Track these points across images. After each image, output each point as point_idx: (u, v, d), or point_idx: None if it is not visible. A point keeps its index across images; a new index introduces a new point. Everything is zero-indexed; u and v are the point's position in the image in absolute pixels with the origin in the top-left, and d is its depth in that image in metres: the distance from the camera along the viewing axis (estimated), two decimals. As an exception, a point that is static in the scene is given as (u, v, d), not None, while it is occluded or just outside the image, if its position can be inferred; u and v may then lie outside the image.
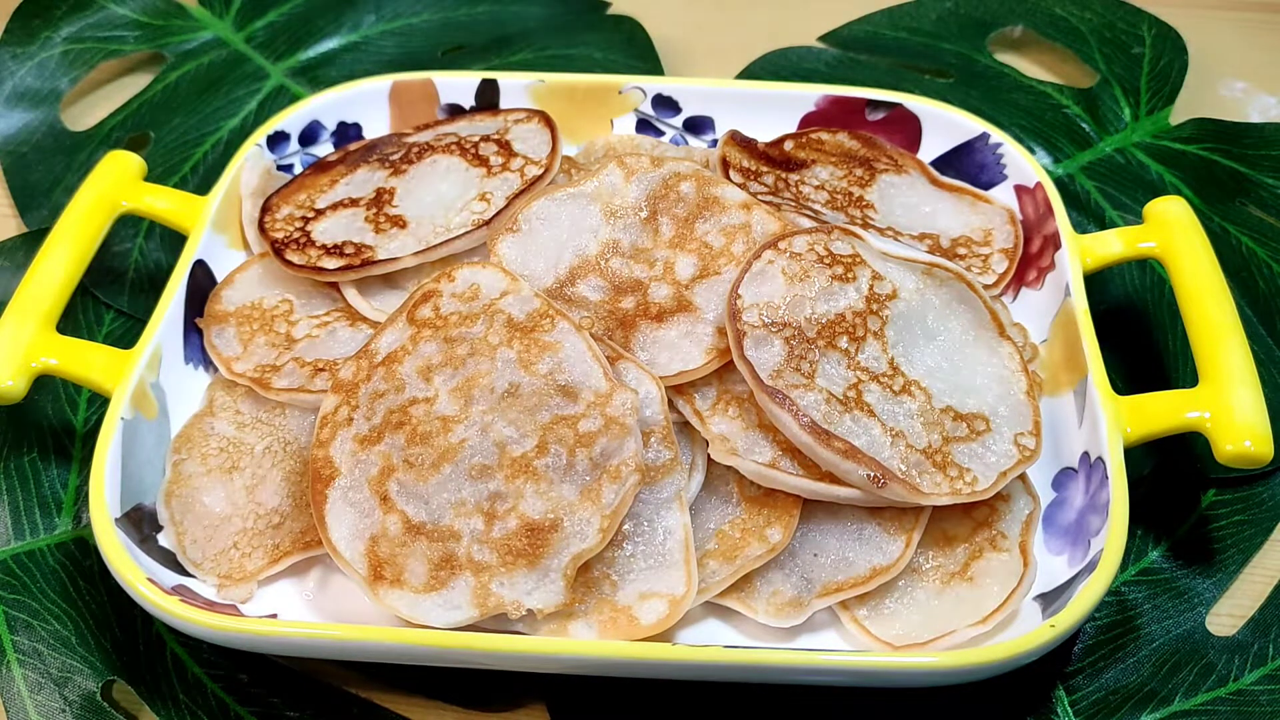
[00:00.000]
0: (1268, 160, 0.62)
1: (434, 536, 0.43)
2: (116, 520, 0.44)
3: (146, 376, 0.48)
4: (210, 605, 0.44)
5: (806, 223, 0.51)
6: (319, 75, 0.68)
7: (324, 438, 0.45)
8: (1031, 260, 0.55)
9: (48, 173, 0.63)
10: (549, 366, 0.45)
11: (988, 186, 0.58)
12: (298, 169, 0.59)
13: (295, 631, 0.42)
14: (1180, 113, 0.65)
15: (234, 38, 0.70)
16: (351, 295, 0.52)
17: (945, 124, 0.59)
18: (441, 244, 0.51)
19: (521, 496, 0.43)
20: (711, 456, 0.46)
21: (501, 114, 0.59)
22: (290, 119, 0.59)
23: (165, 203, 0.54)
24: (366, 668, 0.46)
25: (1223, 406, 0.45)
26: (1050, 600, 0.44)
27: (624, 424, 0.43)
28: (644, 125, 0.61)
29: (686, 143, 0.61)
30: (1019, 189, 0.56)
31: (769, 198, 0.53)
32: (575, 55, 0.69)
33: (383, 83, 0.60)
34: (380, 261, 0.51)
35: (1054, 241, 0.53)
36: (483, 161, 0.55)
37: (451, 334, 0.46)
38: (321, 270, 0.52)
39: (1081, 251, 0.52)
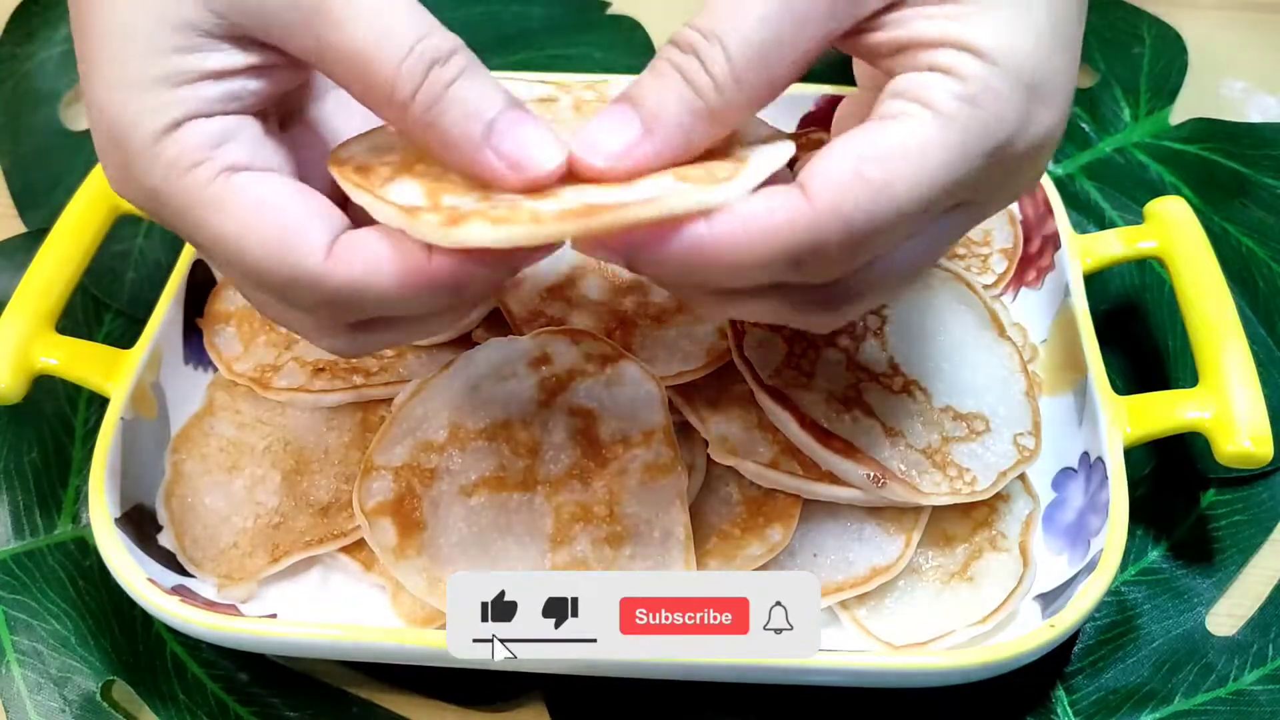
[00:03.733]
0: (1268, 160, 0.62)
1: None
2: (116, 520, 0.44)
3: (146, 376, 0.48)
4: (210, 605, 0.44)
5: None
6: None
7: None
8: (1031, 260, 0.55)
9: (48, 173, 0.63)
10: None
11: (988, 186, 0.57)
12: (298, 169, 0.59)
13: (295, 631, 0.42)
14: (1180, 113, 0.65)
15: (234, 38, 0.70)
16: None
17: (945, 124, 0.58)
18: (441, 244, 0.51)
19: None
20: (711, 456, 0.46)
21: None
22: (290, 119, 0.59)
23: (165, 203, 0.54)
24: (366, 668, 0.46)
25: (1223, 406, 0.45)
26: (1050, 600, 0.44)
27: None
28: (644, 125, 0.61)
29: (686, 143, 0.61)
30: (1019, 189, 0.56)
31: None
32: (575, 55, 0.69)
33: (383, 83, 0.60)
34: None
35: (1054, 241, 0.53)
36: (483, 161, 0.55)
37: None
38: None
39: (1081, 251, 0.52)
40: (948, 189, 0.32)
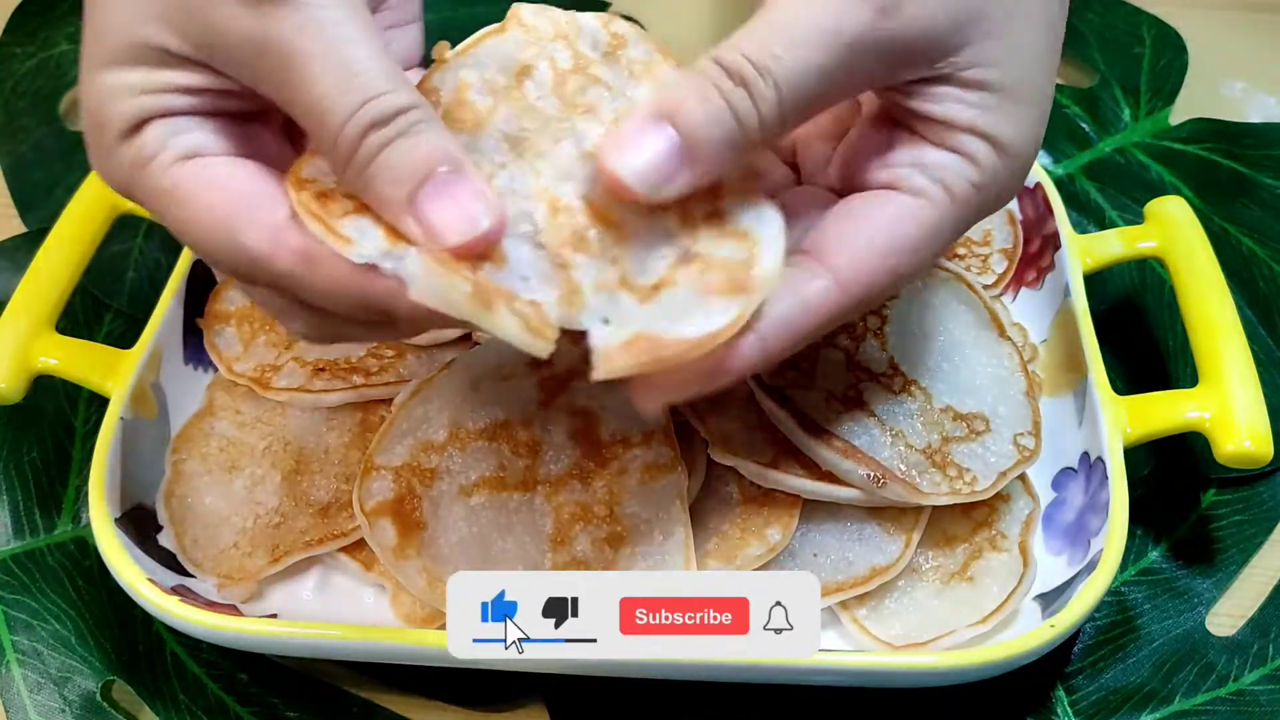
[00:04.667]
0: (1268, 160, 0.62)
1: None
2: (116, 520, 0.44)
3: (146, 376, 0.48)
4: (210, 605, 0.44)
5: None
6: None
7: None
8: (1031, 260, 0.55)
9: (48, 173, 0.63)
10: None
11: (988, 186, 0.58)
12: (298, 169, 0.59)
13: (295, 631, 0.42)
14: (1180, 113, 0.65)
15: (234, 38, 0.70)
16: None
17: (945, 124, 0.58)
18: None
19: None
20: (711, 456, 0.46)
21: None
22: (290, 119, 0.59)
23: (165, 203, 0.54)
24: (366, 668, 0.46)
25: (1223, 406, 0.45)
26: (1050, 600, 0.44)
27: None
28: (644, 125, 0.61)
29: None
30: (1019, 189, 0.56)
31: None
32: (575, 55, 0.69)
33: (383, 83, 0.60)
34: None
35: (1054, 241, 0.53)
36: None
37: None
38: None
39: (1081, 251, 0.52)
40: (943, 252, 0.37)
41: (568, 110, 0.36)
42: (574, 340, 0.48)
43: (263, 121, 0.38)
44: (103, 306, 0.57)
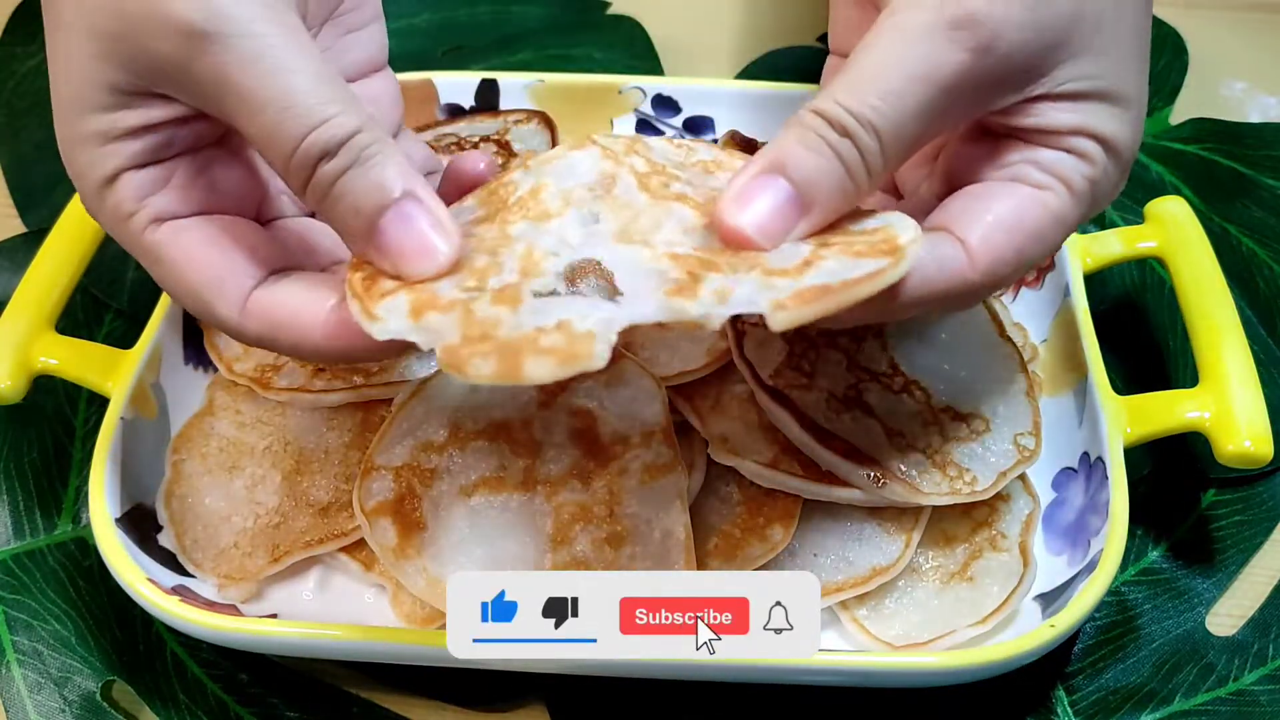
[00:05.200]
0: (1268, 160, 0.62)
1: None
2: (116, 520, 0.44)
3: (146, 376, 0.48)
4: (210, 605, 0.44)
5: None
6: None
7: None
8: (1031, 260, 0.55)
9: (48, 173, 0.63)
10: None
11: (988, 186, 0.57)
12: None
13: (295, 631, 0.42)
14: (1180, 113, 0.65)
15: (234, 38, 0.70)
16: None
17: (945, 124, 0.58)
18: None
19: None
20: (711, 456, 0.46)
21: (501, 115, 0.59)
22: (290, 119, 0.59)
23: (165, 203, 0.54)
24: (366, 668, 0.46)
25: (1223, 406, 0.45)
26: (1050, 600, 0.44)
27: None
28: (644, 125, 0.61)
29: (686, 143, 0.61)
30: (1019, 189, 0.56)
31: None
32: (575, 55, 0.69)
33: (383, 83, 0.60)
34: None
35: (1054, 241, 0.53)
36: (483, 161, 0.55)
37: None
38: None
39: (1081, 251, 0.52)
40: (1059, 246, 0.39)
41: (658, 199, 0.37)
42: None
43: (224, 141, 0.38)
44: (103, 306, 0.57)
